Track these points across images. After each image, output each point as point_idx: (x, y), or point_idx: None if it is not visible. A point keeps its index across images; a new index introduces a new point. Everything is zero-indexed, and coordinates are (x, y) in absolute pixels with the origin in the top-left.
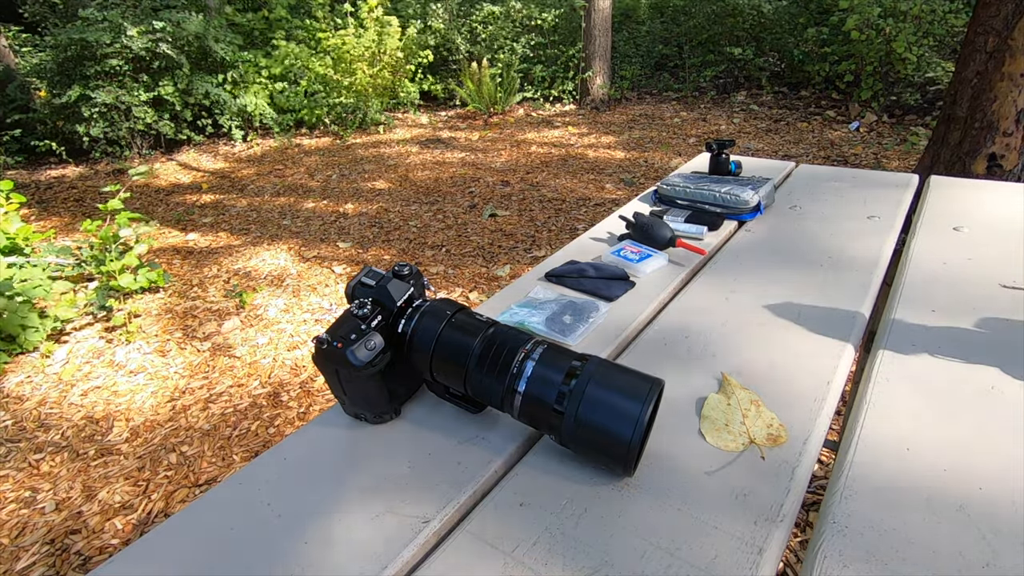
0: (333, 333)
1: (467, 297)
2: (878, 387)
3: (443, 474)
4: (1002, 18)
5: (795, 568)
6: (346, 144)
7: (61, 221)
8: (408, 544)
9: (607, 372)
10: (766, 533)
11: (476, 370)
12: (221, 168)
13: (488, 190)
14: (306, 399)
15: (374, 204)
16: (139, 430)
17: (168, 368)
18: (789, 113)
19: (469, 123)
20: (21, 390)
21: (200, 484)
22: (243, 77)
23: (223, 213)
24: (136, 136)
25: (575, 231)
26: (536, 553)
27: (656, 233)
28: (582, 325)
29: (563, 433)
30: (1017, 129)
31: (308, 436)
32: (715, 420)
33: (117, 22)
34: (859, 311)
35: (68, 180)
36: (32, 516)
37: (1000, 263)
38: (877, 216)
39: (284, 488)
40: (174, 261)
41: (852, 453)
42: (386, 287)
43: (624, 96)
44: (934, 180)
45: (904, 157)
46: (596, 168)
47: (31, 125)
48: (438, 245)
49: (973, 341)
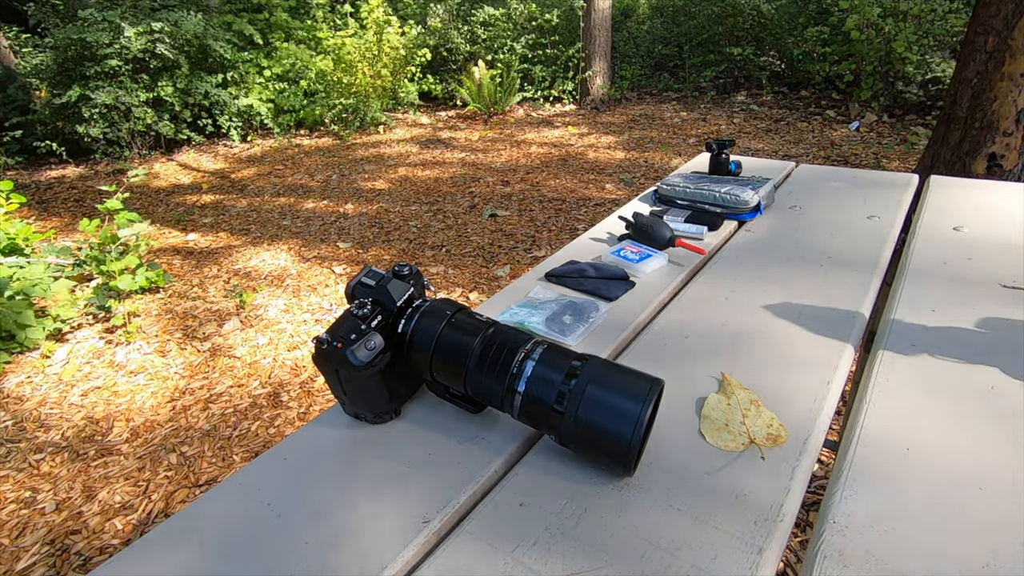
0: (333, 333)
1: (467, 297)
2: (878, 387)
3: (443, 474)
4: (1002, 18)
5: (795, 568)
6: (346, 144)
7: (61, 221)
8: (408, 544)
9: (607, 372)
10: (766, 533)
11: (476, 370)
12: (221, 168)
13: (488, 190)
14: (306, 399)
15: (374, 204)
16: (139, 430)
17: (168, 368)
18: (789, 113)
19: (469, 123)
20: (21, 390)
21: (200, 484)
22: (243, 77)
23: (223, 213)
24: (136, 136)
25: (575, 231)
26: (536, 553)
27: (656, 233)
28: (582, 325)
29: (563, 433)
30: (1017, 129)
31: (308, 436)
32: (715, 420)
33: (116, 22)
34: (859, 311)
35: (68, 180)
36: (32, 516)
37: (1000, 263)
38: (877, 216)
39: (284, 488)
40: (174, 261)
41: (852, 453)
42: (386, 287)
43: (624, 96)
44: (934, 180)
45: (904, 157)
46: (596, 168)
47: (31, 125)
48: (438, 245)
49: (973, 341)
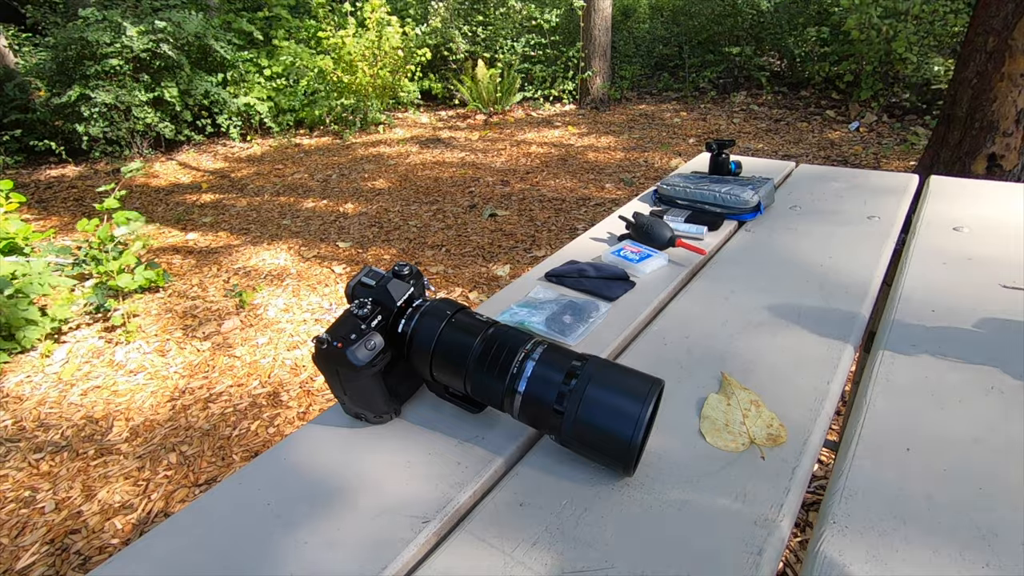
0: (333, 333)
1: (467, 297)
2: (878, 387)
3: (443, 474)
4: (1002, 18)
5: (795, 568)
6: (346, 144)
7: (61, 220)
8: (408, 544)
9: (607, 372)
10: (766, 533)
11: (476, 370)
12: (221, 168)
13: (488, 190)
14: (306, 399)
15: (374, 204)
16: (139, 430)
17: (168, 368)
18: (789, 113)
19: (469, 123)
20: (21, 390)
21: (200, 484)
22: (243, 77)
23: (223, 213)
24: (136, 136)
25: (575, 231)
26: (536, 553)
27: (656, 233)
28: (582, 325)
29: (563, 433)
30: (1017, 129)
31: (308, 436)
32: (715, 420)
33: (117, 21)
34: (859, 311)
35: (68, 180)
36: (32, 516)
37: (1000, 263)
38: (877, 216)
39: (284, 488)
40: (174, 260)
41: (852, 453)
42: (386, 287)
43: (624, 96)
44: (934, 180)
45: (904, 157)
46: (596, 168)
47: (30, 125)
48: (438, 245)
49: (973, 341)
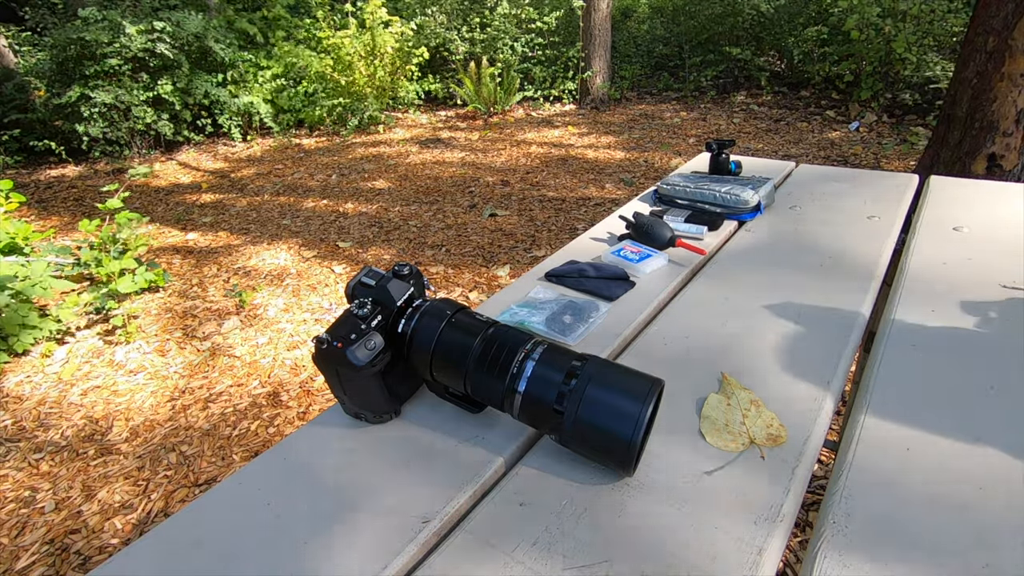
0: (333, 333)
1: (467, 297)
2: (878, 387)
3: (443, 474)
4: (1002, 18)
5: (795, 568)
6: (346, 144)
7: (61, 221)
8: (408, 544)
9: (607, 372)
10: (766, 533)
11: (476, 370)
12: (221, 168)
13: (488, 190)
14: (306, 399)
15: (374, 204)
16: (139, 430)
17: (168, 368)
18: (789, 113)
19: (469, 123)
20: (21, 390)
21: (200, 484)
22: (243, 77)
23: (223, 213)
24: (135, 136)
25: (575, 231)
26: (536, 553)
27: (656, 233)
28: (582, 325)
29: (563, 433)
30: (1017, 129)
31: (308, 436)
32: (715, 420)
33: (117, 21)
34: (859, 311)
35: (67, 180)
36: (32, 516)
37: (1000, 263)
38: (877, 216)
39: (284, 488)
40: (174, 261)
41: (852, 453)
42: (386, 287)
43: (624, 96)
44: (934, 180)
45: (904, 157)
46: (596, 168)
47: (30, 125)
48: (438, 245)
49: (973, 341)
